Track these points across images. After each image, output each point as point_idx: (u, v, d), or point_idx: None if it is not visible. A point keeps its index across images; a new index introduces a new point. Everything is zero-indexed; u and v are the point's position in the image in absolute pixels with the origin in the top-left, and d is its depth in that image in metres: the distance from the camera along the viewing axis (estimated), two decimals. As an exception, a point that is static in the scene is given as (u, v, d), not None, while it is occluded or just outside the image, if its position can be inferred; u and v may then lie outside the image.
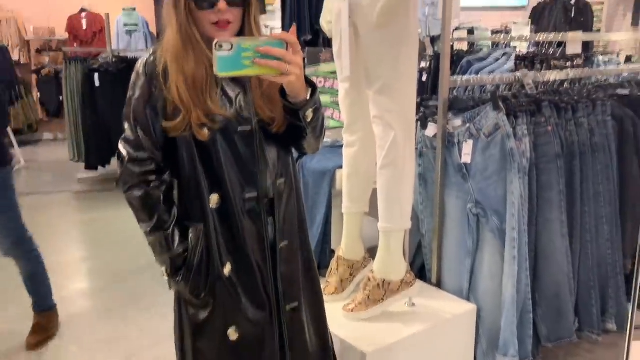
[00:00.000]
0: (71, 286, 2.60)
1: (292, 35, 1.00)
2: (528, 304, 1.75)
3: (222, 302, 1.13)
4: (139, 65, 1.11)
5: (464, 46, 3.24)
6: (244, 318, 1.14)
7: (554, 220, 1.78)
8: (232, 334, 1.14)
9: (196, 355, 1.17)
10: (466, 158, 1.72)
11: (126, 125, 1.11)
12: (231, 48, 0.96)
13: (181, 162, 1.12)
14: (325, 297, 1.63)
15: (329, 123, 2.37)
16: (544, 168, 1.78)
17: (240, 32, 1.09)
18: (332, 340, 1.33)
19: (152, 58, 1.10)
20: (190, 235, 1.12)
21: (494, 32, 3.92)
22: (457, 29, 3.47)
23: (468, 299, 1.76)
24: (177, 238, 1.11)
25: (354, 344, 1.49)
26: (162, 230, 1.11)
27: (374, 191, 1.65)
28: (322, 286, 1.72)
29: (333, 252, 1.88)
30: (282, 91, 1.06)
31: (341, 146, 1.77)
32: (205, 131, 1.08)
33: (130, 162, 1.11)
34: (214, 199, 1.11)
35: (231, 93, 1.10)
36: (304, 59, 1.12)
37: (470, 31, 3.52)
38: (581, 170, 1.87)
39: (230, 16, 1.06)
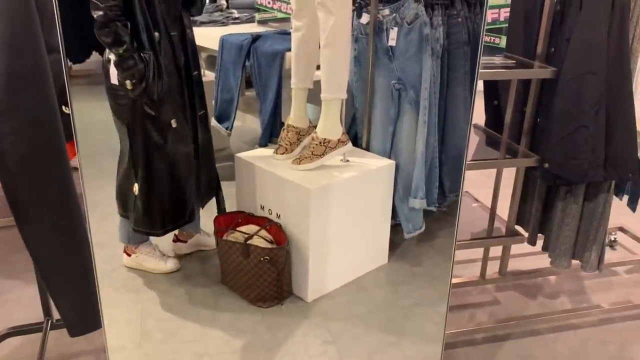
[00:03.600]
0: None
1: None
2: (435, 161, 2.23)
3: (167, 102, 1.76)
4: None
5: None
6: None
7: (459, 95, 2.22)
8: (173, 123, 1.80)
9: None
10: (392, 42, 2.11)
11: None
12: None
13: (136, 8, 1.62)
14: (276, 157, 2.08)
15: (276, 14, 2.68)
16: (454, 52, 2.19)
17: None
18: None
19: None
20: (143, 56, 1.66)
21: None
22: None
23: (389, 158, 2.22)
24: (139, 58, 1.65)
25: (301, 184, 1.92)
26: (131, 52, 1.62)
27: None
28: (274, 149, 2.15)
29: (283, 123, 2.27)
30: None
31: (289, 33, 2.11)
32: None
33: (108, 6, 1.56)
34: (157, 35, 1.68)
35: None
36: None
37: None
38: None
39: None
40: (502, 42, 1.87)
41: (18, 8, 0.99)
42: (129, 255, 2.11)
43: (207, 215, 2.14)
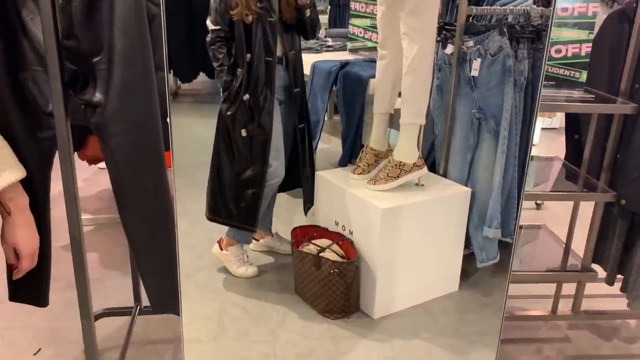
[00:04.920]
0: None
1: None
2: (514, 192, 2.23)
3: (239, 114, 2.04)
4: None
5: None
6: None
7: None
8: (244, 132, 2.06)
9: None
10: (475, 72, 2.16)
11: (212, 11, 1.99)
12: None
13: (236, 34, 1.98)
14: (353, 176, 2.20)
15: (366, 44, 2.82)
16: (538, 86, 2.21)
17: None
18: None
19: None
20: (237, 73, 2.02)
21: None
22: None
23: (466, 185, 2.25)
24: (230, 72, 2.02)
25: (373, 203, 2.01)
26: (223, 67, 2.01)
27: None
28: (352, 169, 2.27)
29: (363, 145, 2.38)
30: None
31: (375, 61, 2.24)
32: (250, 17, 1.94)
33: (212, 31, 1.99)
34: (248, 57, 1.98)
35: None
36: None
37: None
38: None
39: None
40: (583, 76, 1.86)
41: (135, 29, 1.19)
42: (220, 248, 2.30)
43: (287, 225, 2.28)
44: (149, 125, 1.25)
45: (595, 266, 2.16)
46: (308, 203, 2.31)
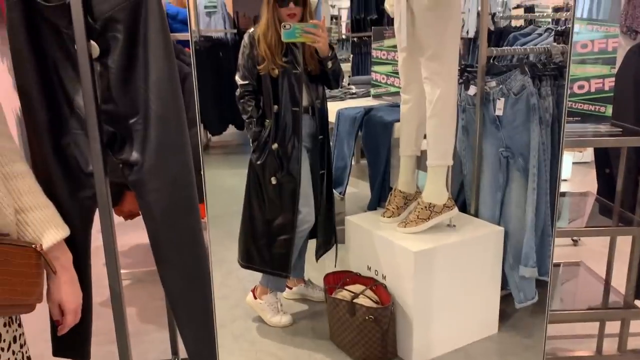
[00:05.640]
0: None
1: (321, 22, 1.96)
2: (548, 229, 2.19)
3: (269, 163, 2.10)
4: (245, 36, 2.06)
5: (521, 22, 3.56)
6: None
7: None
8: (274, 180, 2.10)
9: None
10: (499, 112, 2.18)
11: (240, 67, 2.08)
12: (290, 27, 1.90)
13: (263, 87, 2.05)
14: (383, 220, 2.21)
15: (389, 89, 2.87)
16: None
17: (301, 18, 1.99)
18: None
19: (252, 31, 2.04)
20: (265, 123, 2.09)
21: (556, 10, 4.18)
22: (517, 6, 3.80)
23: (499, 225, 2.23)
24: (259, 123, 2.10)
25: (405, 246, 2.00)
26: (252, 119, 2.09)
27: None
28: (381, 212, 2.28)
29: (391, 188, 2.40)
30: (317, 51, 2.01)
31: (398, 105, 2.28)
32: (276, 71, 2.02)
33: (241, 86, 2.07)
34: (275, 108, 2.05)
35: (289, 53, 2.02)
36: (370, 36, 1.93)
37: (530, 8, 3.83)
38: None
39: (296, 10, 1.97)
40: (608, 110, 1.86)
41: (168, 91, 1.25)
42: (255, 297, 2.31)
43: (320, 271, 2.29)
44: (184, 181, 1.30)
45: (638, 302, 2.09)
46: (320, 250, 2.30)
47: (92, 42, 1.20)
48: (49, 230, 1.05)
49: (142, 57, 1.23)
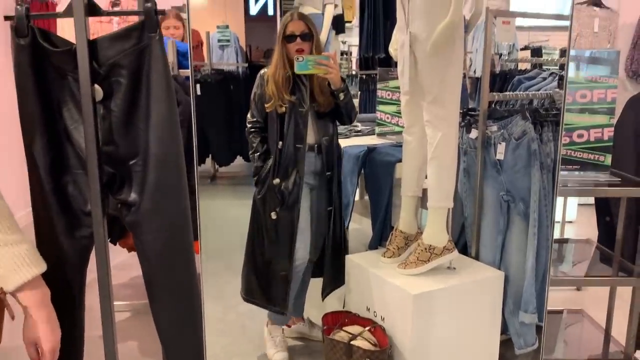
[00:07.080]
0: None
1: (333, 54, 2.05)
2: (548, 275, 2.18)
3: (269, 198, 2.12)
4: (258, 76, 2.14)
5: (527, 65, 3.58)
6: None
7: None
8: (273, 215, 2.12)
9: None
10: (500, 156, 2.19)
11: (251, 106, 2.16)
12: (303, 59, 1.97)
13: (269, 123, 2.12)
14: (384, 260, 2.20)
15: (393, 129, 2.90)
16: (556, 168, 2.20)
17: (310, 54, 2.05)
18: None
19: (263, 72, 2.12)
20: (270, 158, 2.13)
21: (563, 53, 4.19)
22: (525, 47, 3.83)
23: (499, 269, 2.21)
24: (261, 158, 2.14)
25: (404, 288, 1.99)
26: (257, 153, 2.15)
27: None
28: (382, 252, 2.27)
29: (392, 227, 2.40)
30: (329, 83, 2.05)
31: (401, 145, 2.30)
32: (283, 108, 2.07)
33: (249, 122, 2.16)
34: (279, 144, 2.09)
35: (296, 90, 2.07)
36: (376, 75, 1.97)
37: (537, 50, 3.85)
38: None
39: (304, 46, 2.04)
40: (607, 159, 1.87)
41: (168, 135, 1.28)
42: (267, 325, 2.34)
43: (320, 310, 2.27)
44: (180, 224, 1.32)
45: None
46: (327, 288, 2.31)
47: (96, 85, 1.24)
48: (21, 268, 1.01)
49: (144, 100, 1.27)
